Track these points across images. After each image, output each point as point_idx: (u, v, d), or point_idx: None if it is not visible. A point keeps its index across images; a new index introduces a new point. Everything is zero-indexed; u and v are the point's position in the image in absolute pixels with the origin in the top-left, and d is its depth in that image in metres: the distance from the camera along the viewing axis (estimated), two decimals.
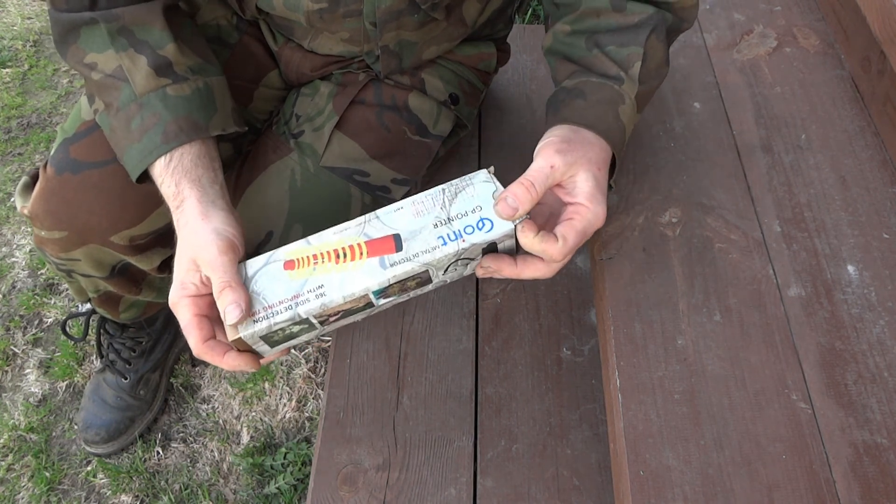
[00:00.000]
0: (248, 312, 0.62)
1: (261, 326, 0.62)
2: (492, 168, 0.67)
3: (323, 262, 0.64)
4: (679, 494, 0.61)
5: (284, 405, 1.34)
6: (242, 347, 0.65)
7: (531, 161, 0.67)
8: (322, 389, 1.35)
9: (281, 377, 1.37)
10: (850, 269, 0.74)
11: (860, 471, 0.61)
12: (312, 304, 0.62)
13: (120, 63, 0.73)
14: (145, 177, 0.76)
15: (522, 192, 0.62)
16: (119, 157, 0.76)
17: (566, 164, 0.65)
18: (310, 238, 0.66)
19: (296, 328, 0.65)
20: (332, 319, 0.66)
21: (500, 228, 0.64)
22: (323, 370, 1.38)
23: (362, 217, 0.66)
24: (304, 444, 1.28)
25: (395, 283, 0.64)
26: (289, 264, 0.65)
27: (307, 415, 1.33)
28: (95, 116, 0.77)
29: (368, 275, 0.63)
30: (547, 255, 0.64)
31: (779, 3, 1.06)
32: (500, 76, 1.22)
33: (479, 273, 0.68)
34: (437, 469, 0.87)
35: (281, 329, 0.64)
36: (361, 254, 0.64)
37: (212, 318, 0.66)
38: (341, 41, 0.88)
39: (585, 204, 0.65)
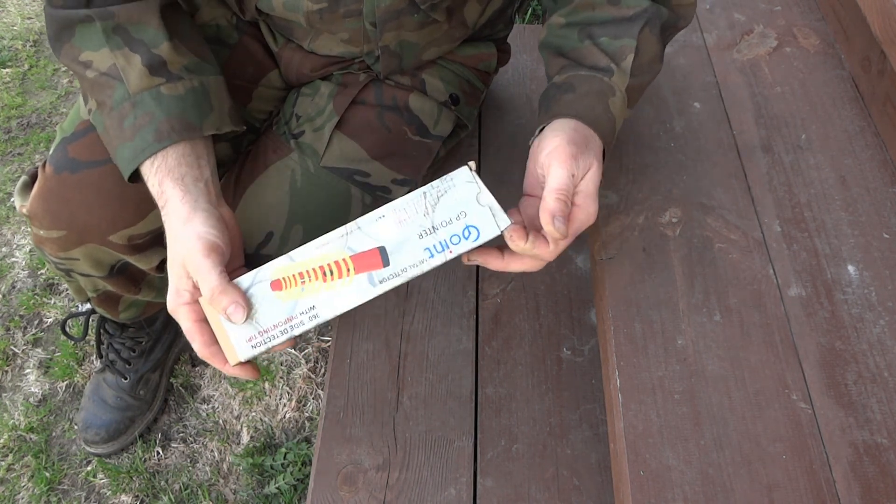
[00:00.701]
0: (248, 307, 0.63)
1: (259, 350, 0.63)
2: (472, 164, 0.66)
3: (310, 280, 0.63)
4: (679, 494, 0.61)
5: (284, 405, 1.34)
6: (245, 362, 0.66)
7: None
8: (322, 389, 1.35)
9: (281, 377, 1.37)
10: (851, 269, 0.74)
11: (860, 471, 0.61)
12: (307, 326, 0.63)
13: (114, 61, 0.73)
14: (137, 176, 0.76)
15: (563, 207, 0.62)
16: (112, 156, 0.75)
17: (582, 169, 0.65)
18: (292, 254, 0.64)
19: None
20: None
21: (486, 235, 0.63)
22: (323, 370, 1.38)
23: (344, 228, 0.64)
24: (304, 444, 1.28)
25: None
26: (275, 284, 0.64)
27: (307, 415, 1.33)
28: (89, 116, 0.77)
29: (358, 293, 0.63)
30: (539, 257, 0.65)
31: (779, 3, 1.06)
32: (500, 76, 1.22)
33: (466, 262, 0.67)
34: (437, 469, 0.87)
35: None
36: (348, 270, 0.63)
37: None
38: (341, 42, 0.88)
39: (580, 204, 0.65)
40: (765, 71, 0.96)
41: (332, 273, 0.63)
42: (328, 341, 1.40)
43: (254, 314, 0.63)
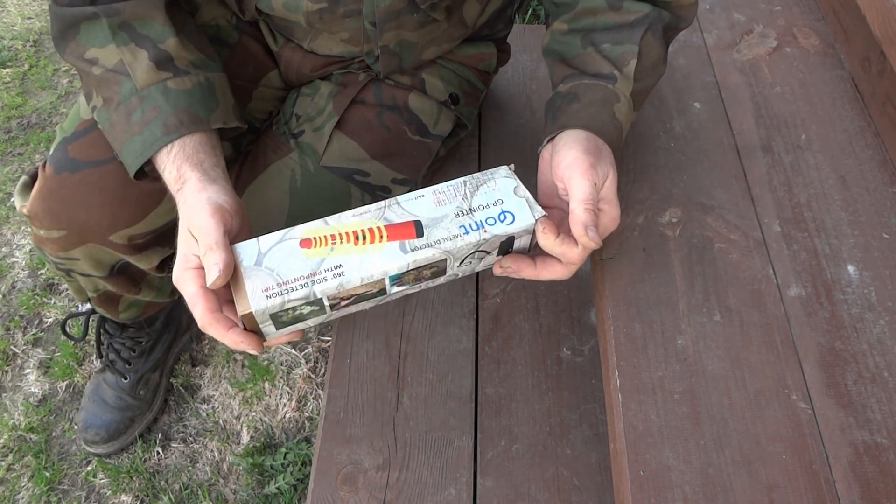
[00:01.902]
0: (228, 273, 0.61)
1: (274, 302, 0.61)
2: (512, 165, 0.69)
3: (341, 242, 0.63)
4: (679, 494, 0.61)
5: (284, 405, 1.34)
6: (250, 325, 0.64)
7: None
8: (322, 389, 1.35)
9: (281, 377, 1.37)
10: (851, 269, 0.74)
11: (860, 471, 0.61)
12: (330, 284, 0.61)
13: (121, 57, 0.74)
14: (143, 174, 0.76)
15: (593, 217, 0.64)
16: (117, 152, 0.75)
17: (601, 177, 0.67)
18: (328, 218, 0.65)
19: (306, 309, 0.64)
20: (342, 304, 0.65)
21: (522, 223, 0.64)
22: (323, 370, 1.38)
23: (382, 202, 0.66)
24: (304, 444, 1.28)
25: (412, 271, 0.64)
26: (305, 242, 0.63)
27: (307, 415, 1.33)
28: (93, 113, 0.77)
29: (388, 258, 0.62)
30: (566, 257, 0.65)
31: (779, 3, 1.06)
32: (500, 76, 1.22)
33: (497, 272, 0.69)
34: (437, 469, 0.87)
35: (292, 308, 0.62)
36: (381, 237, 0.63)
37: (217, 291, 0.65)
38: (341, 41, 0.88)
39: (605, 210, 0.66)
40: (765, 71, 0.96)
41: (364, 238, 0.64)
42: (328, 341, 1.40)
43: (276, 267, 0.62)
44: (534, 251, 0.70)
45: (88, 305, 1.21)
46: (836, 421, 0.64)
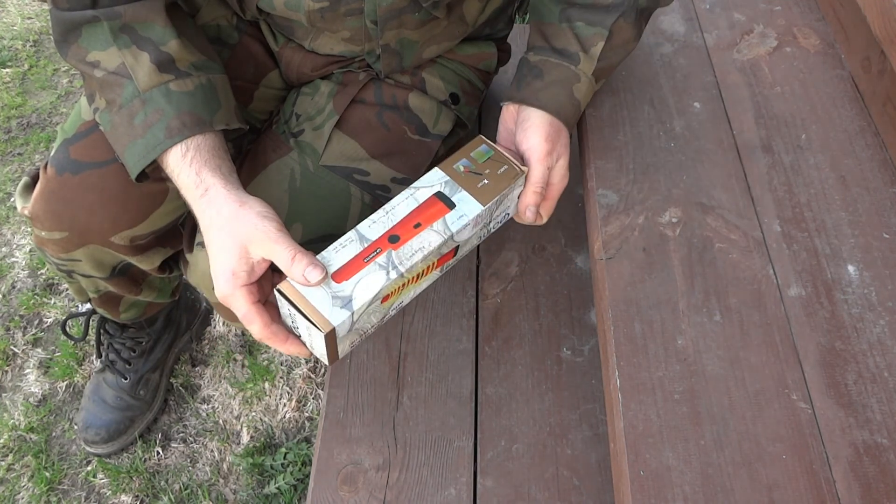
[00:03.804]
0: (324, 271, 0.64)
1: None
2: (526, 168, 0.78)
3: (406, 286, 0.71)
4: (679, 494, 0.61)
5: (284, 405, 1.34)
6: (331, 342, 0.66)
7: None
8: (322, 389, 1.35)
9: (281, 377, 1.37)
10: (851, 269, 0.74)
11: (860, 471, 0.61)
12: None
13: (123, 60, 0.74)
14: (144, 176, 0.76)
15: (538, 199, 0.78)
16: (119, 154, 0.76)
17: (555, 159, 0.78)
18: (403, 272, 0.68)
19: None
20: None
21: (510, 213, 0.81)
22: (323, 370, 1.38)
23: (438, 226, 0.71)
24: (304, 444, 1.28)
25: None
26: (384, 299, 0.69)
27: (307, 415, 1.33)
28: (95, 115, 0.77)
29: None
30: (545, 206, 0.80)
31: (779, 3, 1.06)
32: (501, 76, 1.22)
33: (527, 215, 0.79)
34: (437, 469, 0.87)
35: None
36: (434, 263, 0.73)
37: (264, 303, 0.68)
38: (342, 41, 0.88)
39: (555, 182, 0.80)
40: (765, 71, 0.96)
41: (420, 275, 0.72)
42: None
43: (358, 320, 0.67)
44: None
45: (88, 306, 1.21)
46: (836, 421, 0.64)
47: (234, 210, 0.68)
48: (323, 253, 0.67)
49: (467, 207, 0.72)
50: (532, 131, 0.78)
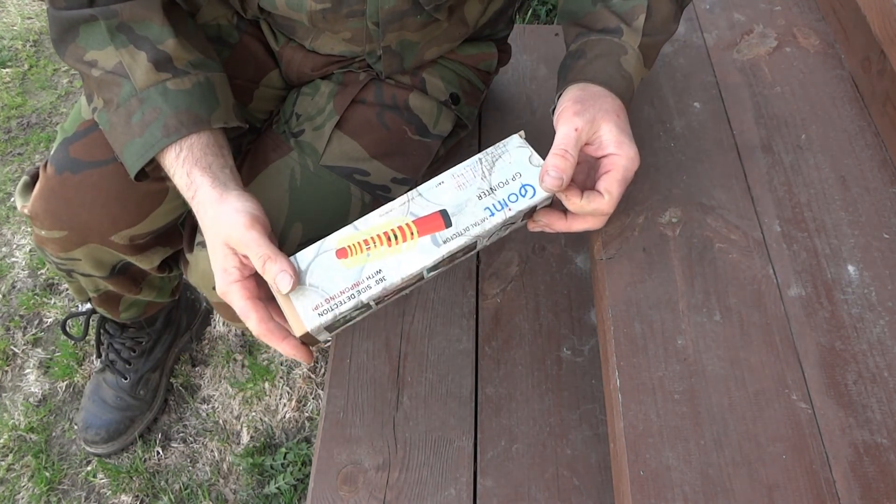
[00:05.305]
0: (296, 278, 0.63)
1: (326, 318, 0.63)
2: (522, 133, 0.70)
3: (375, 246, 0.65)
4: (679, 494, 0.61)
5: (284, 405, 1.34)
6: (306, 340, 0.66)
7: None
8: (322, 389, 1.35)
9: (281, 377, 1.37)
10: (851, 269, 0.74)
11: (860, 471, 0.61)
12: (374, 290, 0.64)
13: (120, 59, 0.74)
14: (143, 175, 0.76)
15: (561, 161, 0.65)
16: (118, 154, 0.76)
17: (587, 122, 0.67)
18: (356, 224, 0.66)
19: (355, 313, 0.66)
20: (387, 299, 0.68)
21: (543, 193, 0.67)
22: (323, 370, 1.38)
23: (405, 196, 0.67)
24: (304, 444, 1.28)
25: (446, 258, 0.66)
26: (341, 252, 0.65)
27: (307, 415, 1.33)
28: (94, 115, 0.77)
29: (423, 254, 0.64)
30: (597, 211, 0.67)
31: (779, 3, 1.06)
32: (500, 76, 1.22)
33: (532, 227, 0.71)
34: (437, 469, 0.87)
35: (343, 317, 0.65)
36: (412, 234, 0.65)
37: (264, 299, 0.67)
38: (343, 41, 0.88)
39: (616, 152, 0.67)
40: (765, 71, 0.96)
41: (396, 237, 0.65)
42: (328, 341, 1.40)
43: (319, 283, 0.64)
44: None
45: (88, 305, 1.21)
46: (836, 421, 0.64)
47: (215, 208, 0.68)
48: (363, 217, 0.67)
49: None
50: (562, 101, 0.70)
